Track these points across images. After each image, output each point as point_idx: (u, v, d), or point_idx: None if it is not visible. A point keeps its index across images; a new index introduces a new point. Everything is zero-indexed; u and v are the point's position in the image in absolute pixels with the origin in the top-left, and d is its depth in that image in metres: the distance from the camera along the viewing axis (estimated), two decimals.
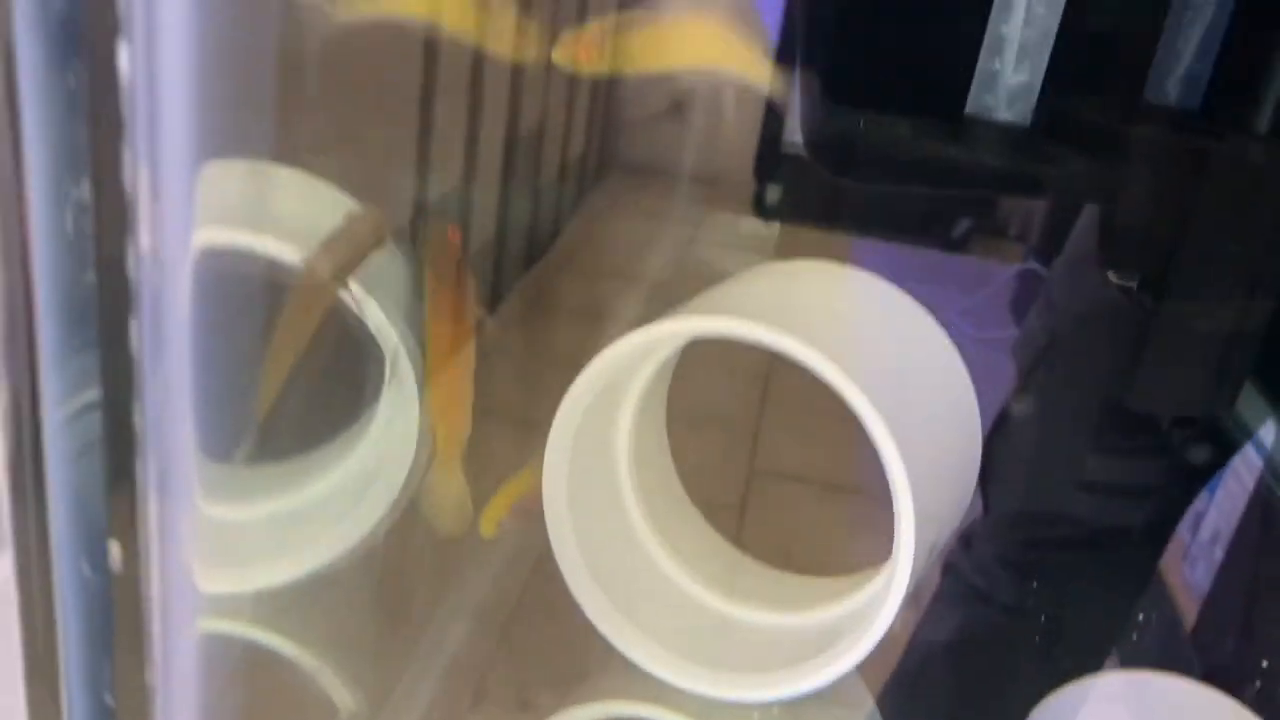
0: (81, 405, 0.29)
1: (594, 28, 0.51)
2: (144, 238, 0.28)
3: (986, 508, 0.71)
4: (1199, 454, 0.65)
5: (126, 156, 0.27)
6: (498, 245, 1.54)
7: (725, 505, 1.15)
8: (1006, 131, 0.39)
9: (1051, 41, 0.34)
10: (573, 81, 1.70)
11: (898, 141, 0.46)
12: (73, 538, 0.30)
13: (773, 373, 1.32)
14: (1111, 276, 0.49)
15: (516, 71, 1.41)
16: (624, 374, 0.50)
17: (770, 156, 2.09)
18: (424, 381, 0.58)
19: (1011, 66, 0.34)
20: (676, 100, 2.25)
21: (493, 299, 1.54)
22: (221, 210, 0.45)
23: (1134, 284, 0.48)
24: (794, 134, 0.53)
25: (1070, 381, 0.67)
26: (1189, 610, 0.89)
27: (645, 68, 0.52)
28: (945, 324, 1.59)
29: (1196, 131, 0.40)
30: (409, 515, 0.55)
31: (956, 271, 1.72)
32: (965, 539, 0.73)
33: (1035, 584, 0.69)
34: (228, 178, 0.47)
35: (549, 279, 1.59)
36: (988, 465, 0.71)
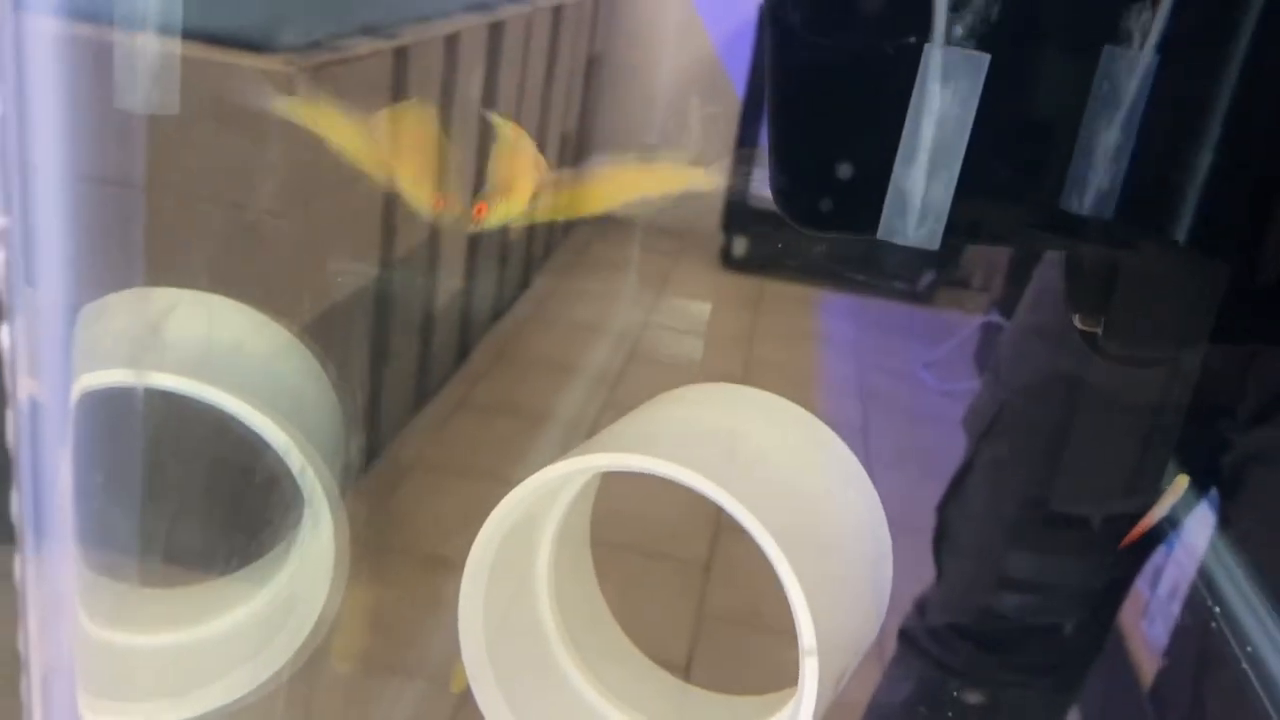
0: None
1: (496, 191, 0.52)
2: (22, 385, 0.28)
3: (940, 574, 0.71)
4: (1127, 544, 0.65)
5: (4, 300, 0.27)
6: (465, 298, 1.55)
7: (692, 563, 1.14)
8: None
9: (960, 158, 0.34)
10: (541, 133, 1.71)
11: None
12: None
13: None
14: (1077, 322, 0.50)
15: (484, 126, 1.43)
16: (541, 504, 0.48)
17: (738, 210, 2.12)
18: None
19: (921, 186, 0.35)
20: (646, 154, 2.28)
21: (460, 352, 1.54)
22: (105, 348, 0.43)
23: (1099, 329, 0.49)
24: (761, 188, 0.54)
25: (1019, 452, 0.67)
26: (1148, 666, 0.89)
27: (593, 211, 0.53)
28: (909, 377, 1.59)
29: (1109, 241, 0.42)
30: (323, 653, 0.52)
31: (921, 324, 1.74)
32: (920, 606, 0.73)
33: (989, 651, 0.69)
34: (110, 316, 0.45)
35: (518, 331, 1.60)
36: (941, 531, 0.71)
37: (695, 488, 0.38)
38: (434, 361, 1.38)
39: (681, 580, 1.06)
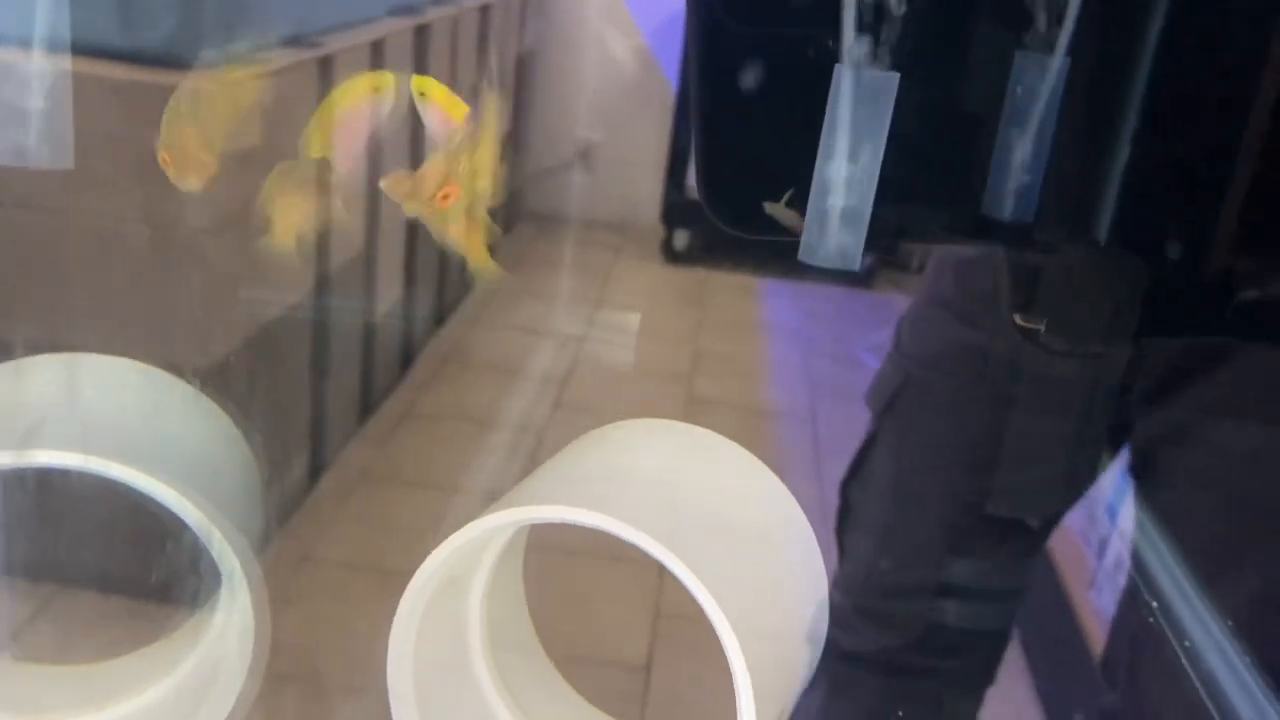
0: None
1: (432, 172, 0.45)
2: None
3: (842, 554, 0.68)
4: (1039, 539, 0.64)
5: None
6: (406, 303, 1.53)
7: (648, 564, 1.14)
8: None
9: (875, 177, 0.34)
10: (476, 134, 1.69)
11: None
12: None
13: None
14: (1018, 319, 0.49)
15: (415, 126, 1.41)
16: (469, 557, 0.46)
17: (677, 203, 2.12)
18: None
19: (839, 209, 0.35)
20: (582, 150, 2.27)
21: (404, 359, 1.52)
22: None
23: (1041, 326, 0.48)
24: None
25: (921, 425, 0.65)
26: (1097, 635, 0.90)
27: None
28: (853, 361, 1.60)
29: (1029, 244, 0.42)
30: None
31: (862, 308, 1.75)
32: None
33: (895, 635, 0.66)
34: None
35: (462, 336, 1.58)
36: (844, 510, 0.68)
37: (628, 540, 0.38)
38: (377, 371, 1.36)
39: (639, 581, 1.05)
